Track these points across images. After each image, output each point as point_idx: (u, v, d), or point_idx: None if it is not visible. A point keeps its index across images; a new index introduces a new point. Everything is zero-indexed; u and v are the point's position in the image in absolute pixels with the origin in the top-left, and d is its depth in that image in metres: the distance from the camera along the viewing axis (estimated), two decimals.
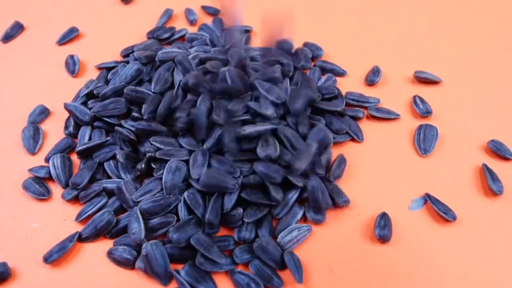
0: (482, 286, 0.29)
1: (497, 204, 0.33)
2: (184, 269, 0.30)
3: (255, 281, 0.30)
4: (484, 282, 0.30)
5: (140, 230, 0.31)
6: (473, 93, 0.42)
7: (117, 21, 0.50)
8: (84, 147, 0.36)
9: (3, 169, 0.37)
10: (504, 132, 0.38)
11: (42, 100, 0.42)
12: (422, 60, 0.45)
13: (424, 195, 0.34)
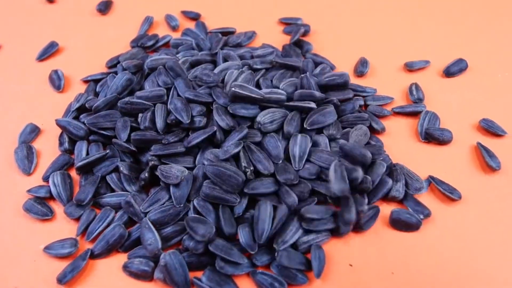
0: (493, 261, 0.30)
1: (496, 179, 0.34)
2: (205, 275, 0.29)
3: (279, 281, 0.29)
4: (495, 257, 0.30)
5: (156, 240, 0.30)
6: (461, 76, 0.43)
7: (97, 32, 0.49)
8: (84, 163, 0.34)
9: (4, 192, 0.35)
10: (493, 110, 0.39)
11: (30, 118, 0.40)
12: (408, 49, 0.45)
13: (427, 177, 0.34)
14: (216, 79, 0.37)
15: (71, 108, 0.39)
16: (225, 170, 0.31)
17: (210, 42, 0.45)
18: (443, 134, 0.36)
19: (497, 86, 0.42)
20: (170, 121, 0.35)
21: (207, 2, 0.52)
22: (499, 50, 0.45)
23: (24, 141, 0.38)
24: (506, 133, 0.37)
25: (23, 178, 0.36)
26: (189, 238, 0.30)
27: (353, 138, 0.35)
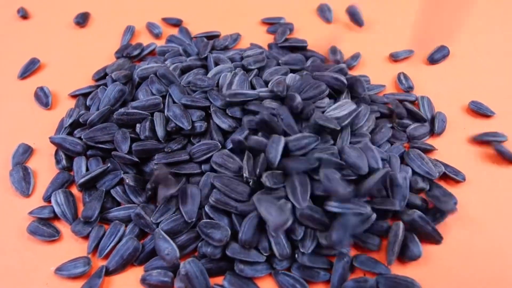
0: (499, 241, 0.31)
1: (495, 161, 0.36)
2: (227, 280, 0.29)
3: (301, 283, 0.29)
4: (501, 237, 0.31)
5: (173, 249, 0.29)
6: (444, 63, 0.44)
7: (78, 46, 0.47)
8: (86, 178, 0.33)
9: (3, 216, 0.33)
10: (479, 93, 0.40)
11: (21, 138, 0.38)
12: (390, 40, 0.46)
13: (434, 160, 0.35)
14: (211, 83, 0.37)
15: (63, 124, 0.37)
16: (233, 180, 0.31)
17: (197, 47, 0.45)
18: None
19: (479, 70, 0.43)
20: (170, 129, 0.34)
21: (186, 7, 0.51)
22: (477, 35, 0.47)
23: (18, 162, 0.36)
24: (494, 113, 0.38)
25: (22, 200, 0.34)
26: (205, 244, 0.30)
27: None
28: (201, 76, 0.38)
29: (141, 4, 0.52)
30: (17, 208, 0.33)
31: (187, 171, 0.33)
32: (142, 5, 0.52)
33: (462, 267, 0.30)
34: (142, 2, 0.52)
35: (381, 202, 0.31)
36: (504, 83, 0.42)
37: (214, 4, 0.52)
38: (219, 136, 0.34)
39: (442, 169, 0.34)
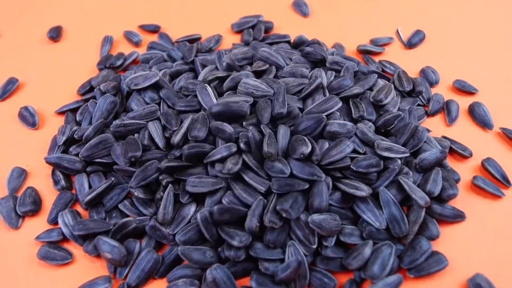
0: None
1: (489, 136, 0.37)
2: (253, 280, 0.28)
3: (328, 276, 0.28)
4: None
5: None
6: (422, 46, 0.45)
7: (55, 61, 0.45)
8: (92, 196, 0.31)
9: (8, 245, 0.31)
10: (460, 72, 0.41)
11: (12, 162, 0.35)
12: (367, 28, 0.47)
13: (441, 137, 0.36)
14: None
15: (57, 142, 0.35)
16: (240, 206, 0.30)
17: (180, 51, 0.43)
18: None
19: (455, 50, 0.44)
20: (169, 135, 0.33)
21: (160, 13, 0.50)
22: (450, 17, 0.48)
23: (14, 188, 0.33)
24: (477, 90, 0.39)
25: (26, 224, 0.32)
26: (227, 247, 0.29)
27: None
28: (192, 80, 0.37)
29: (113, 14, 0.50)
30: (22, 233, 0.31)
31: (194, 177, 0.32)
32: (114, 14, 0.50)
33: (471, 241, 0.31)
34: (114, 12, 0.50)
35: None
36: (481, 61, 0.43)
37: (189, 8, 0.51)
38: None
39: (448, 144, 0.34)
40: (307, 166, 0.30)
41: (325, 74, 0.37)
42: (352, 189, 0.30)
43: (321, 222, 0.29)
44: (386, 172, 0.31)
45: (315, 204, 0.29)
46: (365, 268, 0.28)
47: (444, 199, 0.32)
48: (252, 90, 0.33)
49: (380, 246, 0.29)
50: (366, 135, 0.33)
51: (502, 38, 0.45)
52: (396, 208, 0.30)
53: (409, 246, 0.29)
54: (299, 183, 0.30)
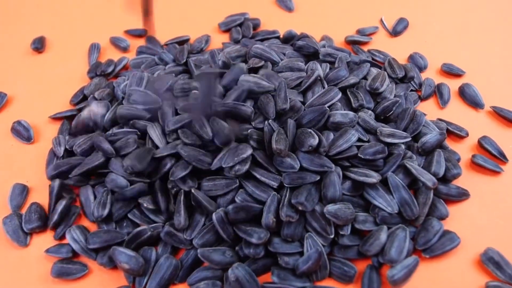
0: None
1: (481, 114, 0.37)
2: (275, 275, 0.27)
3: (348, 265, 0.28)
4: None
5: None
6: (406, 33, 0.45)
7: (42, 72, 0.42)
8: (108, 212, 0.30)
9: (19, 263, 0.29)
10: (445, 55, 0.42)
11: (12, 178, 0.33)
12: (350, 20, 0.46)
13: (436, 119, 0.36)
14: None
15: (56, 154, 0.34)
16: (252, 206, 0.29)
17: (171, 54, 0.42)
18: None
19: (439, 35, 0.44)
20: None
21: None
22: (430, 4, 0.48)
23: (17, 205, 0.32)
24: (464, 72, 0.40)
25: (33, 240, 0.30)
26: (246, 245, 0.28)
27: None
28: (188, 80, 0.36)
29: (96, 21, 0.48)
30: (30, 250, 0.30)
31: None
32: (97, 21, 0.48)
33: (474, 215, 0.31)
34: (97, 18, 0.48)
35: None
36: (465, 44, 0.43)
37: (173, 10, 0.49)
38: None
39: (445, 125, 0.35)
40: (316, 158, 0.30)
41: (320, 66, 0.36)
42: (362, 176, 0.30)
43: (336, 212, 0.28)
44: (391, 158, 0.31)
45: (329, 195, 0.29)
46: (383, 253, 0.28)
47: (448, 179, 0.32)
48: (254, 87, 0.33)
49: (394, 230, 0.29)
50: (368, 123, 0.32)
51: (483, 20, 0.46)
52: (406, 191, 0.30)
53: (421, 227, 0.29)
54: (310, 175, 0.29)
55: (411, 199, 0.30)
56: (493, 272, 0.28)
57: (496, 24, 0.46)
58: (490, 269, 0.28)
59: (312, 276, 0.28)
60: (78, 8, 0.49)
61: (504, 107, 0.37)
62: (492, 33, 0.45)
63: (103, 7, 0.49)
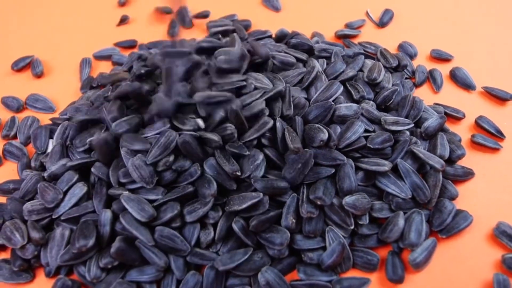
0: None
1: (473, 96, 0.38)
2: (301, 272, 0.27)
3: (371, 253, 0.28)
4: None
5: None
6: (392, 24, 0.45)
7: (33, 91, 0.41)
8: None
9: None
10: (433, 42, 0.42)
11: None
12: (337, 14, 0.46)
13: (433, 104, 0.36)
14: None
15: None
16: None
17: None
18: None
19: (424, 23, 0.45)
20: None
21: (132, 27, 0.47)
22: None
23: None
24: (452, 56, 0.40)
25: None
26: (270, 247, 0.27)
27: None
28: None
29: (83, 35, 0.46)
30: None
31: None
32: (84, 36, 0.46)
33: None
34: (84, 34, 0.47)
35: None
36: (450, 28, 0.44)
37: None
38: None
39: (443, 109, 0.35)
40: (327, 152, 0.30)
41: (317, 62, 0.36)
42: (374, 166, 0.30)
43: (354, 203, 0.28)
44: (398, 145, 0.31)
45: (345, 187, 0.29)
46: (403, 238, 0.28)
47: (453, 161, 0.32)
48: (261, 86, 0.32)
49: (410, 215, 0.29)
50: (372, 113, 0.32)
51: (464, 4, 0.47)
52: (416, 176, 0.30)
53: (434, 209, 0.30)
54: (325, 169, 0.29)
55: (422, 183, 0.30)
56: (507, 244, 0.28)
57: (477, 7, 0.47)
58: (504, 242, 0.29)
59: (337, 268, 0.28)
60: (63, 24, 0.48)
61: (494, 87, 0.38)
62: (474, 16, 0.45)
63: (89, 21, 0.48)
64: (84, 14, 0.48)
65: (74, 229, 0.28)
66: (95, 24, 0.47)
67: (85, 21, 0.48)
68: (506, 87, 0.37)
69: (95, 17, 0.48)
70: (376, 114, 0.32)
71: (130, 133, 0.31)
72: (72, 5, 0.49)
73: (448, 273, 0.28)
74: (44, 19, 0.48)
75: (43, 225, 0.29)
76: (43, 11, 0.49)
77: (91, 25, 0.47)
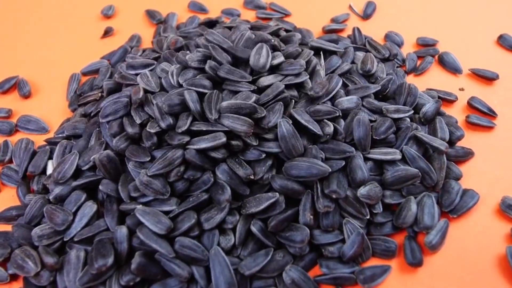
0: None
1: (461, 78, 0.39)
2: (324, 267, 0.27)
3: (388, 241, 0.28)
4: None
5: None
6: (376, 15, 0.46)
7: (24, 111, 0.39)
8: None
9: None
10: (420, 28, 0.43)
11: None
12: (323, 9, 0.46)
13: (426, 90, 0.37)
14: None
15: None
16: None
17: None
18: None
19: (406, 12, 0.46)
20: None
21: (119, 38, 0.45)
22: None
23: None
24: (437, 41, 0.41)
25: None
26: (290, 245, 0.27)
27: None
28: None
29: (62, 53, 0.44)
30: None
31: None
32: (64, 53, 0.44)
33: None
34: (61, 51, 0.44)
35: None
36: (432, 16, 0.45)
37: (142, 25, 0.47)
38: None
39: (436, 94, 0.35)
40: (336, 146, 0.30)
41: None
42: (383, 155, 0.30)
43: (369, 193, 0.28)
44: (401, 132, 0.32)
45: (357, 178, 0.29)
46: (417, 222, 0.28)
47: (453, 142, 0.33)
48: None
49: (421, 199, 0.29)
50: (373, 104, 0.33)
51: None
52: (422, 161, 0.30)
53: (442, 191, 0.30)
54: (335, 163, 0.29)
55: (429, 167, 0.30)
56: None
57: None
58: (511, 215, 0.29)
59: (358, 259, 0.28)
60: (46, 41, 0.46)
61: (479, 68, 0.38)
62: (453, 2, 0.46)
63: (72, 36, 0.46)
64: (66, 29, 0.46)
65: (89, 249, 0.27)
66: (79, 39, 0.45)
67: (67, 36, 0.46)
68: (490, 68, 0.38)
69: (77, 31, 0.46)
70: (376, 104, 0.33)
71: (132, 145, 0.30)
72: (52, 21, 0.48)
73: (463, 251, 0.28)
74: (25, 37, 0.46)
75: (54, 249, 0.28)
76: (22, 29, 0.47)
77: (75, 40, 0.45)
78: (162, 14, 0.46)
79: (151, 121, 0.30)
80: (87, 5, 0.49)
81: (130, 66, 0.35)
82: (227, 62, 0.31)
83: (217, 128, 0.28)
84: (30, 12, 0.49)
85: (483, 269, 0.27)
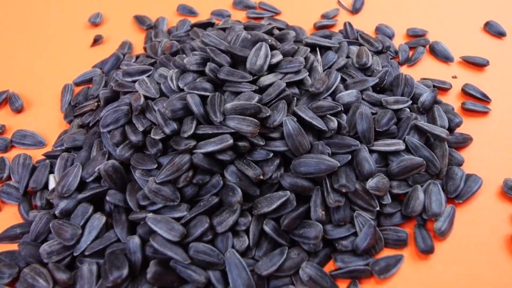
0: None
1: (453, 67, 0.39)
2: (338, 261, 0.27)
3: (398, 230, 0.28)
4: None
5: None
6: (365, 9, 0.46)
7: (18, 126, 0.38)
8: None
9: None
10: (409, 19, 0.43)
11: None
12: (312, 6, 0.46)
13: (420, 80, 0.37)
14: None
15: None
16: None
17: None
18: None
19: (394, 5, 0.46)
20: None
21: (110, 47, 0.44)
22: None
23: None
24: (427, 31, 0.42)
25: None
26: (304, 242, 0.27)
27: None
28: None
29: (52, 64, 0.43)
30: None
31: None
32: (54, 64, 0.43)
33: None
34: (51, 62, 0.43)
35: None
36: (420, 6, 0.45)
37: (134, 31, 0.46)
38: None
39: (431, 83, 0.36)
40: (340, 140, 0.29)
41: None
42: (387, 146, 0.30)
43: (377, 185, 0.28)
44: (402, 122, 0.32)
45: (365, 171, 0.29)
46: (425, 210, 0.29)
47: (452, 129, 0.33)
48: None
49: (427, 187, 0.29)
50: (373, 96, 0.33)
51: None
52: (425, 149, 0.30)
53: (446, 177, 0.30)
54: (342, 157, 0.29)
55: (432, 155, 0.30)
56: None
57: None
58: None
59: (371, 251, 0.28)
60: (35, 53, 0.44)
61: (469, 55, 0.39)
62: None
63: (61, 46, 0.45)
64: (54, 40, 0.45)
65: (101, 262, 0.26)
66: (68, 49, 0.44)
67: (56, 47, 0.44)
68: (479, 54, 0.39)
69: (66, 41, 0.45)
70: (376, 96, 0.33)
71: (136, 154, 0.29)
72: (39, 32, 0.46)
73: (471, 235, 0.29)
74: (13, 50, 0.44)
75: (64, 265, 0.27)
76: (9, 42, 0.45)
77: (64, 50, 0.44)
78: (152, 19, 0.46)
79: (154, 128, 0.29)
80: (74, 14, 0.48)
81: (127, 73, 0.34)
82: (226, 63, 0.31)
83: (223, 131, 0.28)
84: (16, 25, 0.47)
85: (492, 251, 0.28)
